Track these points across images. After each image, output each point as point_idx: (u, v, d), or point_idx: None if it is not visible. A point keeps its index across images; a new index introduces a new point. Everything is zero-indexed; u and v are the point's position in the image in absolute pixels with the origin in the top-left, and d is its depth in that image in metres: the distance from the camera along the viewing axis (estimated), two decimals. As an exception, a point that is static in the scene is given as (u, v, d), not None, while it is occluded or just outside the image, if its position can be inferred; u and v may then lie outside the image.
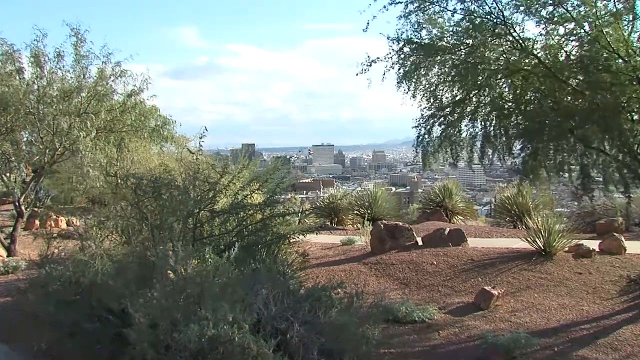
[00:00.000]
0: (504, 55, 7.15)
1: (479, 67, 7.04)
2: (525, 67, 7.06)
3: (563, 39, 6.87)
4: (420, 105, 7.97)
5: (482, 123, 7.88)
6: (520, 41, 6.96)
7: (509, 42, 7.04)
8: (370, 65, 7.61)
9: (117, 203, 7.00)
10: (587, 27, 6.55)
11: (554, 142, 7.15)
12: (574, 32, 6.70)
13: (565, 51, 6.96)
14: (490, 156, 8.09)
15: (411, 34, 7.48)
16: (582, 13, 6.43)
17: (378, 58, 7.62)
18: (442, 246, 9.54)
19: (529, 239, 8.98)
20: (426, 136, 8.05)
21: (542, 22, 6.72)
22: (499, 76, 7.26)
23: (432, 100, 7.92)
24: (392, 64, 7.62)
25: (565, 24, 6.65)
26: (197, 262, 5.01)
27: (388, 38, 7.54)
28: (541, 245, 8.75)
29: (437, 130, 8.21)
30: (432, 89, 7.86)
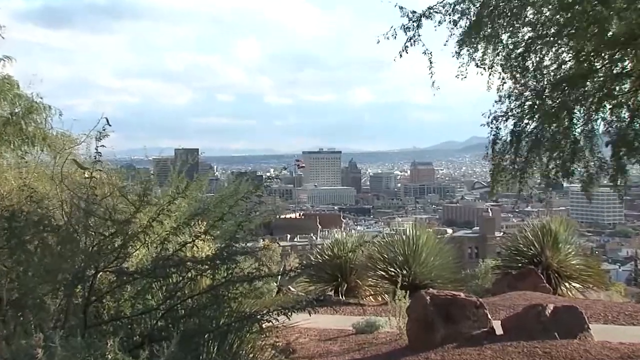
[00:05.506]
0: None
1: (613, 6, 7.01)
2: None
3: None
4: (500, 81, 7.99)
5: (615, 111, 7.87)
6: None
7: None
8: (418, 25, 7.67)
9: None
10: None
11: None
12: None
13: None
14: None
15: None
16: None
17: (431, 9, 7.69)
18: (540, 338, 9.47)
19: None
20: (505, 135, 8.06)
21: None
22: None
23: (520, 73, 7.95)
24: (450, 11, 7.69)
25: None
26: (90, 367, 4.89)
27: None
28: None
29: (528, 126, 8.22)
30: (519, 53, 7.89)
